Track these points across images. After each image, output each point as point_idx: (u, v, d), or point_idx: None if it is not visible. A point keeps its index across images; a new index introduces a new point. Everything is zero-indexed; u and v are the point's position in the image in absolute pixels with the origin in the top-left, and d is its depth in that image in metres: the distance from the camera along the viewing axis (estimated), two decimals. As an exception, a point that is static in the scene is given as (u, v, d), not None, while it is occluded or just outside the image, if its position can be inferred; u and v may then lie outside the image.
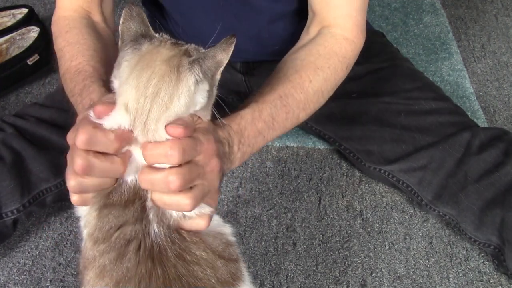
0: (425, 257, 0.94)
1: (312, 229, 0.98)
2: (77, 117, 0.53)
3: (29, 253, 0.94)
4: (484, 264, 0.93)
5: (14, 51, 1.27)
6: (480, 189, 0.86)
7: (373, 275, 0.92)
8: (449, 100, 0.99)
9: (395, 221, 1.00)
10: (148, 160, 0.49)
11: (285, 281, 0.91)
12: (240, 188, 1.05)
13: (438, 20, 1.50)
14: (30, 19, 1.35)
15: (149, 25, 0.54)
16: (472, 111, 1.21)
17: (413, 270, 0.92)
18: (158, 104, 0.48)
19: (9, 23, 1.33)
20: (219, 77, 0.53)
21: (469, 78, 1.31)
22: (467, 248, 0.95)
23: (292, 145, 1.13)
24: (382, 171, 0.99)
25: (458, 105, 1.00)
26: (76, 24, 0.75)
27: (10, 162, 0.84)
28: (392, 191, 1.05)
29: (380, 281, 0.91)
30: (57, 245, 0.95)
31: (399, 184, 0.98)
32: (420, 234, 0.98)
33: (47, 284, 0.89)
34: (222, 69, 0.53)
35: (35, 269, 0.91)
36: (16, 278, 0.90)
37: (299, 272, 0.92)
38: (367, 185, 1.06)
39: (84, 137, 0.47)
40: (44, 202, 0.91)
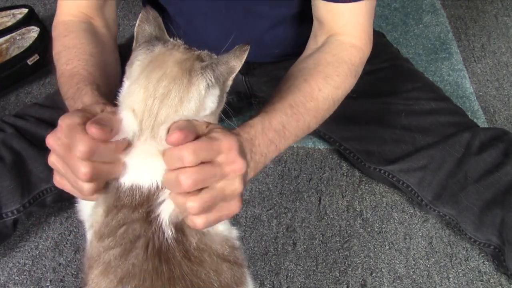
0: (425, 257, 0.94)
1: (312, 229, 0.98)
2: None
3: (29, 253, 0.94)
4: (484, 264, 0.93)
5: (14, 51, 1.27)
6: (480, 189, 0.86)
7: (373, 275, 0.92)
8: (449, 100, 0.99)
9: (395, 221, 1.00)
10: (167, 164, 0.49)
11: (285, 281, 0.91)
12: (240, 188, 1.05)
13: (438, 20, 1.50)
14: (30, 19, 1.35)
15: (165, 30, 0.54)
16: (472, 111, 1.21)
17: (413, 270, 0.92)
18: (167, 106, 0.48)
19: (9, 23, 1.33)
20: (230, 83, 0.53)
21: (469, 78, 1.31)
22: (467, 248, 0.95)
23: (292, 145, 1.13)
24: (382, 171, 0.99)
25: (458, 105, 1.00)
26: (74, 28, 0.75)
27: (10, 162, 0.84)
28: (392, 191, 1.05)
29: (380, 281, 0.91)
30: (57, 245, 0.95)
31: (399, 184, 0.98)
32: (420, 234, 0.98)
33: (47, 284, 0.89)
34: (234, 75, 0.53)
35: (35, 269, 0.91)
36: (16, 278, 0.90)
37: (299, 272, 0.92)
38: (367, 185, 1.06)
39: (84, 149, 0.47)
40: (44, 202, 0.91)
